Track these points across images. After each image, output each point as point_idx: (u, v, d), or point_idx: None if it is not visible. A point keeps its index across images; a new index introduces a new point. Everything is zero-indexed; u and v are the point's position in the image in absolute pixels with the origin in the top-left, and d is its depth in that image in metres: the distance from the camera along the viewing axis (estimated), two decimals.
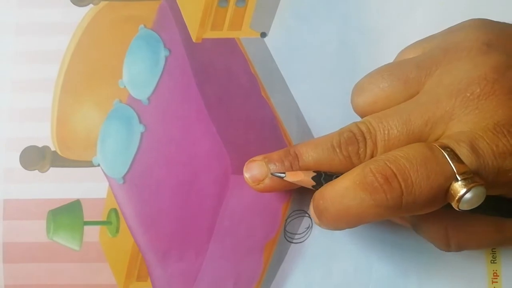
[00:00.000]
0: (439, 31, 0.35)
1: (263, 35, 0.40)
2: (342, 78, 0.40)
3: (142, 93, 0.40)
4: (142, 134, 0.40)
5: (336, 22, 0.40)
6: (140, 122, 0.40)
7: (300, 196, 0.39)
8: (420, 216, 0.31)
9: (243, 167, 0.37)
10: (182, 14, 0.41)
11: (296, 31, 0.40)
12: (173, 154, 0.39)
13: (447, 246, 0.32)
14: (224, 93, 0.40)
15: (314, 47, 0.40)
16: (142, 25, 0.41)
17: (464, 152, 0.28)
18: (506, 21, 0.34)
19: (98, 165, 0.40)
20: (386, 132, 0.31)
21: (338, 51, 0.40)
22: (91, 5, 0.41)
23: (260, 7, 0.40)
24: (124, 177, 0.39)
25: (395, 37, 0.40)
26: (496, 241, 0.32)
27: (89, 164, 0.40)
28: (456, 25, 0.34)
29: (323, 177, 0.32)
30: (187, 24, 0.41)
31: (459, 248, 0.32)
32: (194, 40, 0.40)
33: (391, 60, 0.38)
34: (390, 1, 0.40)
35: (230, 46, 0.40)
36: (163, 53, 0.40)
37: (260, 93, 0.40)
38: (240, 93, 0.40)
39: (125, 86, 0.40)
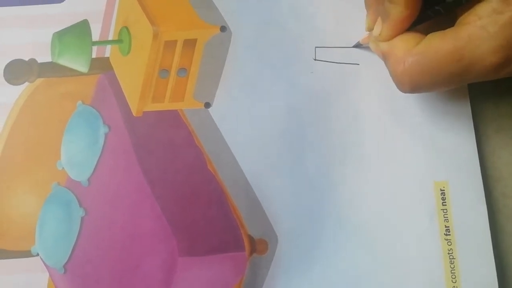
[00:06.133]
0: None
1: (207, 105, 0.35)
2: (291, 146, 0.33)
3: (82, 174, 0.34)
4: (82, 218, 0.34)
5: (283, 87, 0.34)
6: (80, 205, 0.34)
7: (251, 279, 0.32)
8: (389, 48, 0.31)
9: (190, 248, 0.32)
10: (122, 87, 0.35)
11: (242, 99, 0.34)
12: (115, 238, 0.33)
13: (401, 80, 0.30)
14: (168, 169, 0.34)
15: (261, 115, 0.34)
16: (80, 102, 0.35)
17: None
18: None
19: (37, 255, 0.33)
20: None
21: (286, 116, 0.34)
22: (26, 83, 0.35)
23: (203, 76, 0.35)
24: (65, 266, 0.33)
25: (343, 101, 0.35)
26: (450, 73, 0.29)
27: (28, 254, 0.33)
28: None
29: None
30: (127, 98, 0.35)
31: (412, 84, 0.30)
32: (134, 114, 0.35)
33: (340, 125, 0.34)
34: (335, 65, 0.35)
35: (173, 118, 0.35)
36: (102, 130, 0.34)
37: (206, 166, 0.34)
38: (184, 168, 0.34)
39: (63, 168, 0.34)
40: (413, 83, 0.30)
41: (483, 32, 0.28)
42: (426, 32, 0.30)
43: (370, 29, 0.34)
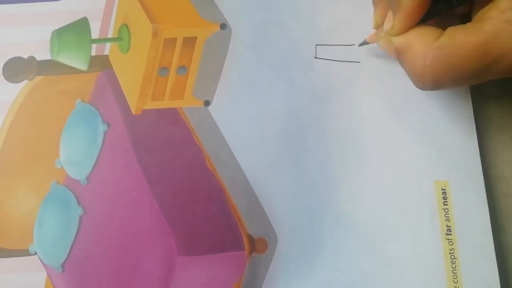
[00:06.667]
0: None
1: (207, 103, 0.34)
2: (291, 145, 0.33)
3: (80, 172, 0.34)
4: (80, 217, 0.33)
5: (283, 85, 0.34)
6: (79, 204, 0.33)
7: (251, 278, 0.32)
8: (404, 43, 0.29)
9: (189, 246, 0.32)
10: (121, 84, 0.35)
11: (242, 97, 0.34)
12: (114, 236, 0.33)
13: (422, 77, 0.29)
14: (167, 167, 0.33)
15: (261, 113, 0.34)
16: (79, 100, 0.35)
17: None
18: None
19: (35, 254, 0.33)
20: None
21: (286, 115, 0.34)
22: (25, 81, 0.35)
23: (202, 74, 0.34)
24: (63, 265, 0.33)
25: (344, 100, 0.34)
26: (474, 70, 0.28)
27: (26, 253, 0.33)
28: None
29: None
30: (126, 96, 0.35)
31: (434, 81, 0.29)
32: (133, 112, 0.34)
33: (340, 124, 0.34)
34: (336, 64, 0.35)
35: (172, 116, 0.34)
36: (101, 128, 0.34)
37: (205, 164, 0.33)
38: (183, 166, 0.33)
39: (62, 166, 0.34)
40: (436, 80, 0.29)
41: (509, 27, 0.27)
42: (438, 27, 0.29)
43: (378, 25, 0.33)
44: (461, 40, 0.28)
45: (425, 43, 0.29)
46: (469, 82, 0.29)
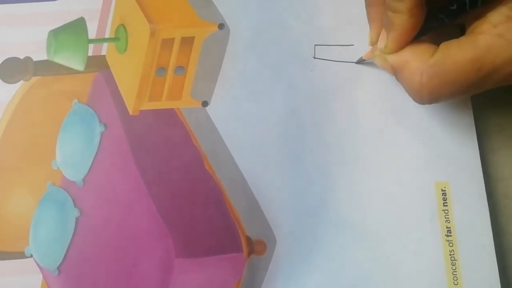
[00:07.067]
0: None
1: (205, 104, 0.34)
2: (290, 146, 0.33)
3: (77, 174, 0.34)
4: (77, 219, 0.33)
5: (282, 85, 0.34)
6: (75, 206, 0.33)
7: (250, 280, 0.32)
8: (400, 61, 0.30)
9: (187, 248, 0.32)
10: (118, 85, 0.34)
11: (240, 97, 0.34)
12: (111, 239, 0.33)
13: (420, 94, 0.29)
14: (165, 168, 0.33)
15: (260, 113, 0.33)
16: (75, 100, 0.34)
17: None
18: None
19: (31, 256, 0.32)
20: None
21: (285, 115, 0.33)
22: (22, 82, 0.34)
23: (200, 74, 0.34)
24: (59, 268, 0.32)
25: (343, 100, 0.34)
26: (469, 83, 0.28)
27: (21, 255, 0.32)
28: None
29: None
30: (123, 96, 0.34)
31: (432, 96, 0.29)
32: (131, 113, 0.34)
33: (340, 125, 0.34)
34: (335, 64, 0.35)
35: (170, 117, 0.34)
36: (98, 128, 0.34)
37: (203, 166, 0.33)
38: (181, 167, 0.33)
39: (58, 168, 0.33)
40: (433, 95, 0.29)
41: (501, 41, 0.27)
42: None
43: (374, 43, 0.33)
44: (455, 55, 0.28)
45: (420, 61, 0.29)
46: (466, 94, 0.30)
